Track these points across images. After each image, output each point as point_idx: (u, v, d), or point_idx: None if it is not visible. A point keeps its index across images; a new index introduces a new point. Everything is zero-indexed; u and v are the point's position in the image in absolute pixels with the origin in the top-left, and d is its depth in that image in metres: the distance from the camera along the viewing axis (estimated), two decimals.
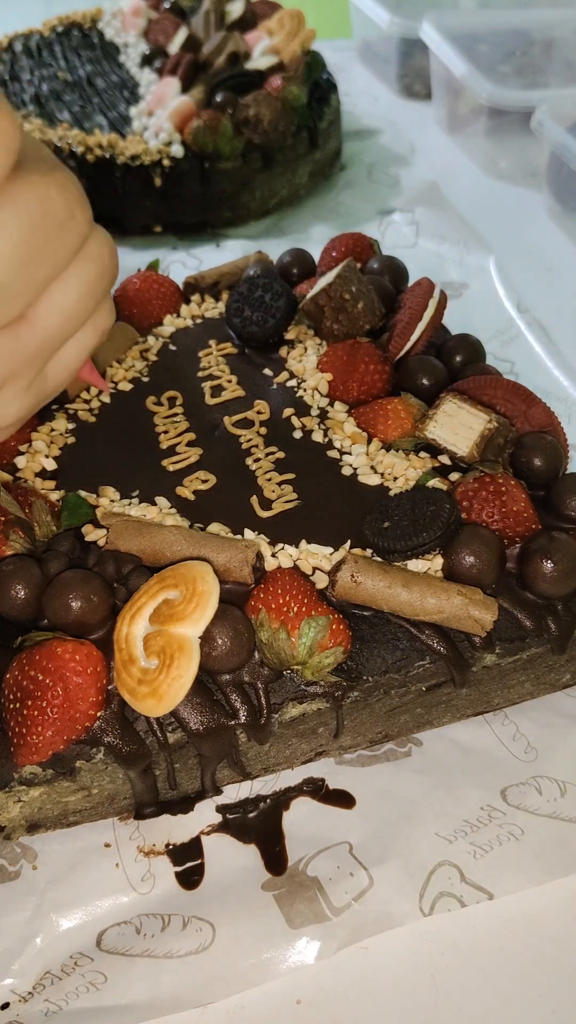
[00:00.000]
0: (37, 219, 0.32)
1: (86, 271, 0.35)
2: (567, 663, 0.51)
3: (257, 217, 0.97)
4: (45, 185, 0.32)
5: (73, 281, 0.35)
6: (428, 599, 0.44)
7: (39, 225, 0.32)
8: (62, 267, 0.34)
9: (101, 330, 0.39)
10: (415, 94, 1.22)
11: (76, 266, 0.35)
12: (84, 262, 0.35)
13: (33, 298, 0.33)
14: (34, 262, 0.32)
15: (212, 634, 0.41)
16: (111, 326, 0.41)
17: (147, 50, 1.06)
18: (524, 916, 0.44)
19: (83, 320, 0.37)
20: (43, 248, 0.32)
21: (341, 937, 0.43)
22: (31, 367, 0.35)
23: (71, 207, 0.33)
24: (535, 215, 0.98)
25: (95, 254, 0.36)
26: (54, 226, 0.32)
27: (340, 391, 0.57)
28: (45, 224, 0.32)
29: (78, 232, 0.34)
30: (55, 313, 0.35)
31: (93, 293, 0.36)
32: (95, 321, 0.38)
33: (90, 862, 0.46)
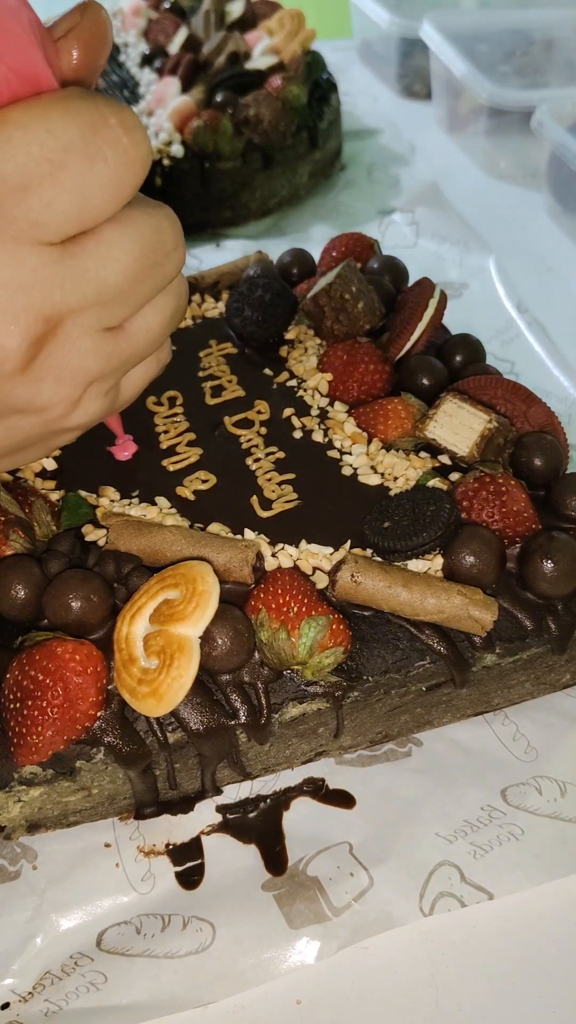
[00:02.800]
0: (151, 242, 0.36)
1: (171, 303, 0.39)
2: (567, 663, 0.51)
3: (257, 217, 0.96)
4: (159, 216, 0.37)
5: (161, 307, 0.39)
6: (428, 599, 0.44)
7: (152, 248, 0.36)
8: (159, 291, 0.38)
9: (161, 364, 0.44)
10: (415, 94, 1.22)
11: (165, 296, 0.39)
12: (171, 295, 0.39)
13: (134, 311, 0.37)
14: (143, 279, 0.36)
15: (212, 634, 0.41)
16: (167, 363, 0.44)
17: (147, 50, 1.06)
18: (524, 916, 0.44)
19: (159, 345, 0.40)
20: (152, 269, 0.36)
21: (341, 937, 0.43)
22: (116, 373, 0.38)
23: (177, 240, 0.38)
24: (535, 215, 0.98)
25: (179, 291, 0.40)
26: (162, 253, 0.37)
27: (340, 391, 0.57)
28: (156, 249, 0.36)
29: (177, 264, 0.38)
30: (144, 330, 0.38)
31: (172, 323, 0.40)
32: (158, 354, 0.43)
33: (90, 862, 0.46)
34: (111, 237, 0.34)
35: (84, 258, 0.34)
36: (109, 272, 0.34)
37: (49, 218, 0.32)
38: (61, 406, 0.36)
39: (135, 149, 0.33)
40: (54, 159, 0.31)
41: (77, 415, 0.37)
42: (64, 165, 0.31)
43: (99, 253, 0.34)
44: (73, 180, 0.32)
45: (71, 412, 0.37)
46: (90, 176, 0.32)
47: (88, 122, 0.32)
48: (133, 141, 0.33)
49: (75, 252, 0.33)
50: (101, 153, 0.32)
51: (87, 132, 0.32)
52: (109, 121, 0.32)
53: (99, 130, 0.32)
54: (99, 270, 0.34)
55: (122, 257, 0.35)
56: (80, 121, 0.32)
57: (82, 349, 0.35)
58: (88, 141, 0.32)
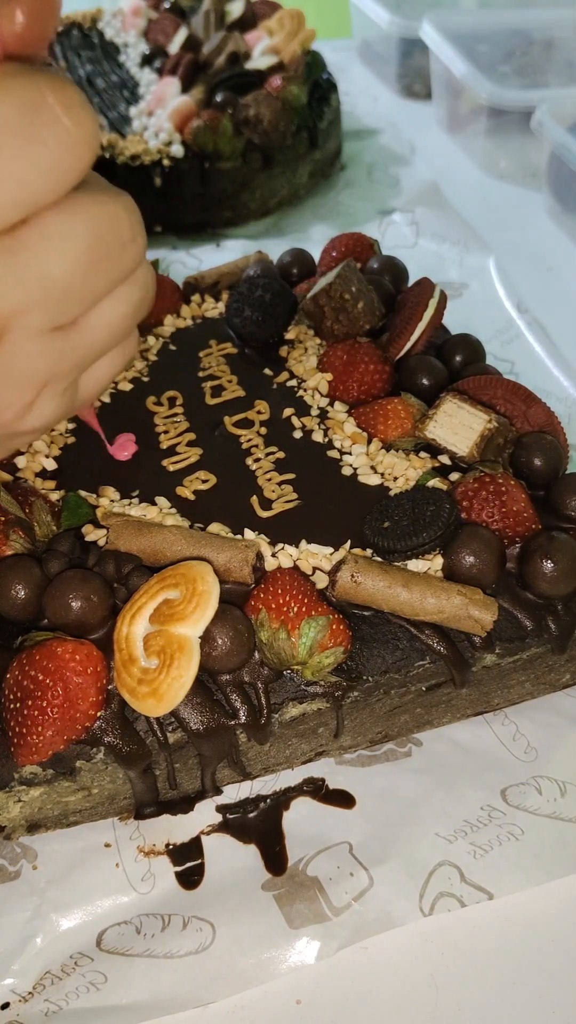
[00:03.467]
0: (104, 233, 0.33)
1: (133, 295, 0.37)
2: (567, 663, 0.51)
3: (257, 217, 0.96)
4: (114, 204, 0.34)
5: (122, 300, 0.37)
6: (428, 599, 0.44)
7: (105, 239, 0.33)
8: (116, 285, 0.36)
9: (128, 357, 0.41)
10: (415, 94, 1.22)
11: (126, 288, 0.37)
12: (132, 286, 0.37)
13: (88, 307, 0.35)
14: (95, 272, 0.34)
15: (212, 634, 0.41)
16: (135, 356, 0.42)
17: (147, 50, 1.06)
18: (524, 916, 0.44)
19: (121, 339, 0.38)
20: (105, 261, 0.34)
21: (341, 937, 0.43)
22: (71, 372, 0.37)
23: (134, 230, 0.35)
24: (535, 215, 0.98)
25: (143, 282, 0.38)
26: (117, 243, 0.34)
27: (340, 391, 0.57)
28: (110, 239, 0.34)
29: (136, 255, 0.36)
30: (103, 326, 0.36)
31: (135, 316, 0.38)
32: (124, 347, 0.40)
33: (90, 862, 0.46)
34: (55, 228, 0.32)
35: (25, 252, 0.31)
36: (54, 267, 0.32)
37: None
38: (13, 409, 0.35)
39: (78, 130, 0.30)
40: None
41: (32, 418, 0.36)
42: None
43: (43, 246, 0.31)
44: (7, 166, 0.29)
45: (25, 415, 0.35)
46: (27, 160, 0.29)
47: (24, 101, 0.29)
48: (75, 121, 0.30)
49: (13, 246, 0.31)
50: (39, 135, 0.29)
51: (22, 112, 0.29)
52: (47, 99, 0.29)
53: (36, 110, 0.29)
54: (43, 265, 0.32)
55: (68, 250, 0.32)
56: (15, 100, 0.29)
57: (30, 351, 0.33)
58: (23, 122, 0.29)
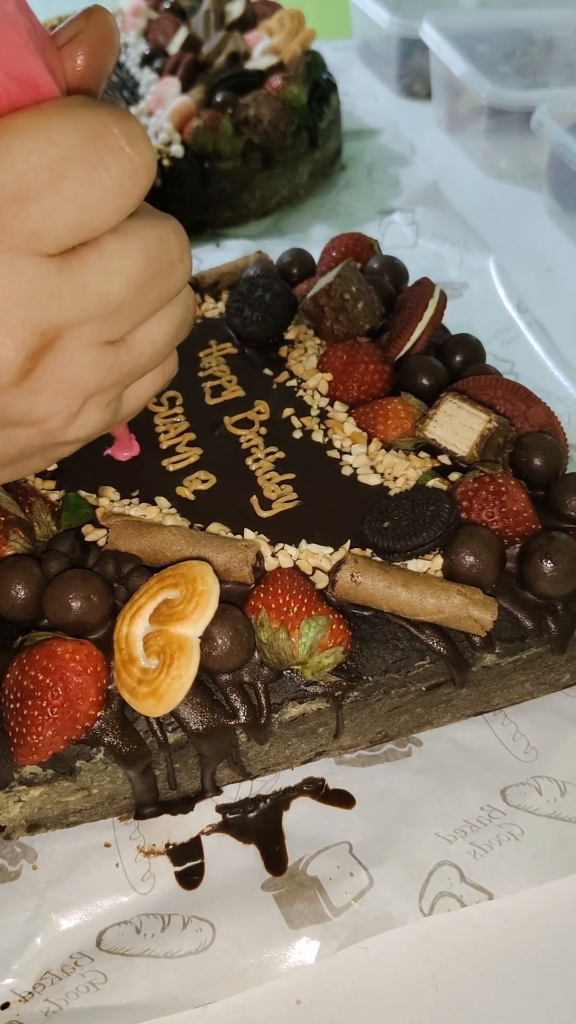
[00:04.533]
0: (155, 254, 0.35)
1: (177, 315, 0.39)
2: (567, 663, 0.51)
3: (257, 217, 0.96)
4: (164, 227, 0.36)
5: (166, 320, 0.38)
6: (428, 599, 0.44)
7: (156, 260, 0.35)
8: (163, 304, 0.37)
9: (168, 376, 0.43)
10: (415, 94, 1.22)
11: (171, 308, 0.38)
12: (177, 307, 0.39)
13: (137, 324, 0.37)
14: (146, 291, 0.35)
15: (212, 634, 0.41)
16: (174, 376, 0.44)
17: (147, 50, 1.06)
18: (524, 916, 0.44)
19: (164, 358, 0.40)
20: (155, 281, 0.36)
21: (341, 937, 0.43)
22: (117, 387, 0.38)
23: (182, 252, 0.37)
24: (535, 215, 0.98)
25: (186, 303, 0.39)
26: (167, 264, 0.36)
27: (340, 391, 0.57)
28: (160, 260, 0.35)
29: (182, 277, 0.37)
30: (148, 343, 0.38)
31: (177, 336, 0.40)
32: (165, 366, 0.42)
33: (90, 862, 0.46)
34: (113, 249, 0.34)
35: (84, 270, 0.33)
36: (110, 285, 0.34)
37: (47, 229, 0.31)
38: (59, 418, 0.36)
39: (139, 159, 0.32)
40: (53, 168, 0.30)
41: (76, 428, 0.37)
42: (64, 174, 0.31)
43: (100, 265, 0.33)
44: (73, 190, 0.31)
45: (69, 425, 0.36)
46: (91, 186, 0.31)
47: (90, 131, 0.31)
48: (137, 151, 0.32)
49: (75, 264, 0.33)
50: (103, 163, 0.31)
51: (89, 141, 0.31)
52: (112, 130, 0.31)
53: (101, 139, 0.31)
54: (99, 283, 0.33)
55: (124, 269, 0.34)
56: (82, 130, 0.31)
57: (81, 362, 0.35)
58: (89, 150, 0.31)
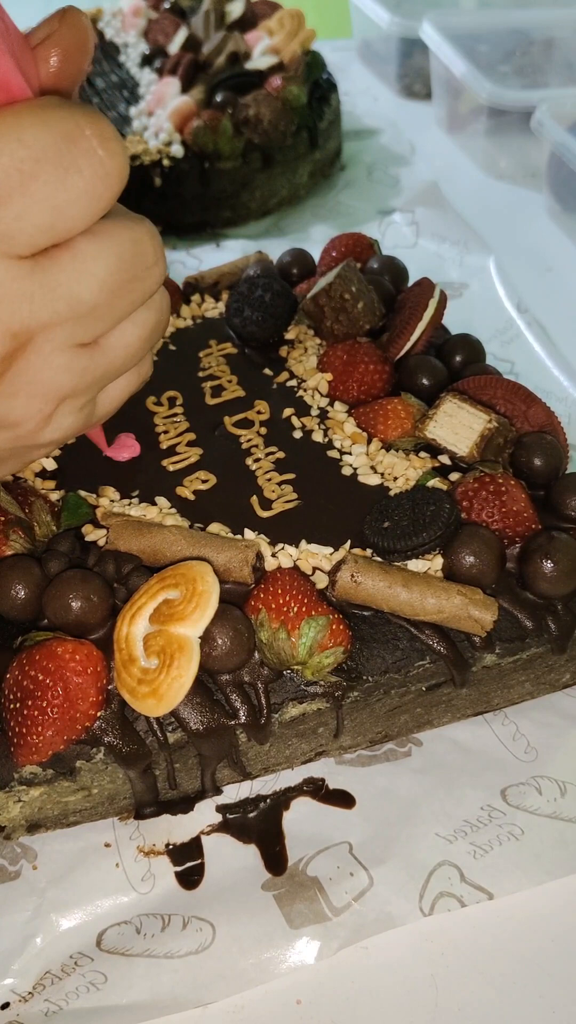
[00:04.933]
0: (129, 256, 0.35)
1: (151, 318, 0.39)
2: (567, 663, 0.51)
3: (257, 217, 0.96)
4: (139, 230, 0.36)
5: (140, 322, 0.38)
6: (428, 599, 0.44)
7: (130, 262, 0.35)
8: (136, 307, 0.37)
9: (142, 378, 0.43)
10: (415, 94, 1.22)
11: (145, 311, 0.38)
12: (151, 310, 0.39)
13: (110, 327, 0.37)
14: (120, 294, 0.35)
15: (212, 634, 0.41)
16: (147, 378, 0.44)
17: (147, 50, 1.06)
18: (524, 916, 0.44)
19: (138, 360, 0.40)
20: (129, 284, 0.36)
21: (341, 937, 0.43)
22: (91, 390, 0.38)
23: (157, 255, 0.37)
24: (535, 215, 0.98)
25: (160, 306, 0.40)
26: (141, 267, 0.36)
27: (340, 391, 0.57)
28: (134, 264, 0.35)
29: (156, 280, 0.37)
30: (122, 346, 0.38)
31: (151, 339, 0.40)
32: (139, 368, 0.42)
33: (90, 862, 0.46)
34: (85, 251, 0.33)
35: (56, 272, 0.33)
36: (83, 287, 0.34)
37: (18, 230, 0.31)
38: (32, 421, 0.36)
39: (111, 161, 0.32)
40: (24, 169, 0.30)
41: (49, 431, 0.37)
42: (35, 176, 0.30)
43: (72, 267, 0.33)
44: (45, 192, 0.31)
45: (43, 428, 0.36)
46: (63, 188, 0.31)
47: (62, 132, 0.31)
48: (109, 153, 0.32)
49: (46, 266, 0.33)
50: (75, 164, 0.31)
51: (61, 143, 0.31)
52: (84, 132, 0.31)
53: (74, 141, 0.31)
54: (72, 285, 0.33)
55: (97, 272, 0.34)
56: (54, 131, 0.31)
57: (54, 365, 0.35)
58: (62, 152, 0.31)
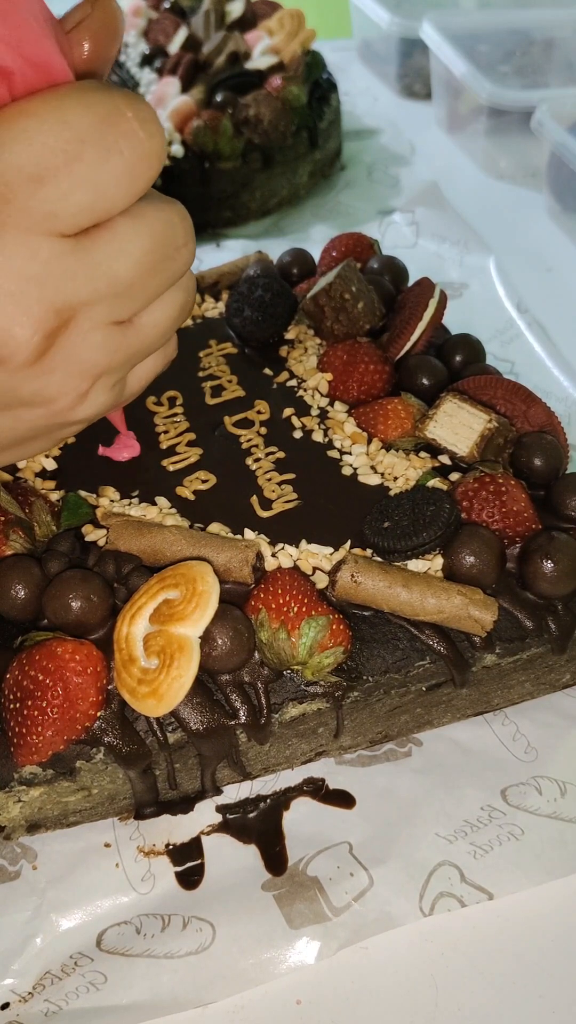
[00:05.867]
0: (161, 237, 0.36)
1: (180, 298, 0.39)
2: (567, 663, 0.51)
3: (257, 217, 0.96)
4: (171, 211, 0.36)
5: (170, 302, 0.39)
6: (428, 599, 0.44)
7: (163, 243, 0.36)
8: (168, 287, 0.38)
9: (168, 358, 0.43)
10: (415, 94, 1.22)
11: (174, 291, 0.39)
12: (180, 290, 0.39)
13: (144, 305, 0.37)
14: (154, 273, 0.36)
15: (212, 634, 0.41)
16: (173, 358, 0.44)
17: (147, 50, 1.06)
18: (524, 916, 0.44)
19: (166, 340, 0.40)
20: (162, 264, 0.36)
21: (341, 937, 0.43)
22: (124, 367, 0.38)
23: (188, 236, 0.37)
24: (535, 215, 0.98)
25: (189, 286, 0.40)
26: (172, 248, 0.36)
27: (340, 391, 0.57)
28: (167, 244, 0.36)
29: (187, 259, 0.38)
30: (153, 324, 0.38)
31: (179, 318, 0.40)
32: (166, 348, 0.42)
33: (90, 862, 0.46)
34: (124, 230, 0.34)
35: (97, 251, 0.34)
36: (121, 266, 0.34)
37: (63, 209, 0.32)
38: (68, 398, 0.36)
39: (150, 142, 0.33)
40: (69, 150, 0.31)
41: (84, 408, 0.37)
42: (79, 156, 0.31)
43: (112, 246, 0.34)
44: (88, 172, 0.31)
45: (78, 405, 0.37)
46: (105, 168, 0.32)
47: (104, 114, 0.32)
48: (149, 134, 0.33)
49: (88, 245, 0.33)
50: (117, 146, 0.32)
51: (103, 124, 0.32)
52: (126, 114, 0.32)
53: (115, 122, 0.32)
54: (111, 263, 0.34)
55: (134, 251, 0.35)
56: (96, 113, 0.31)
57: (92, 342, 0.35)
58: (104, 133, 0.32)
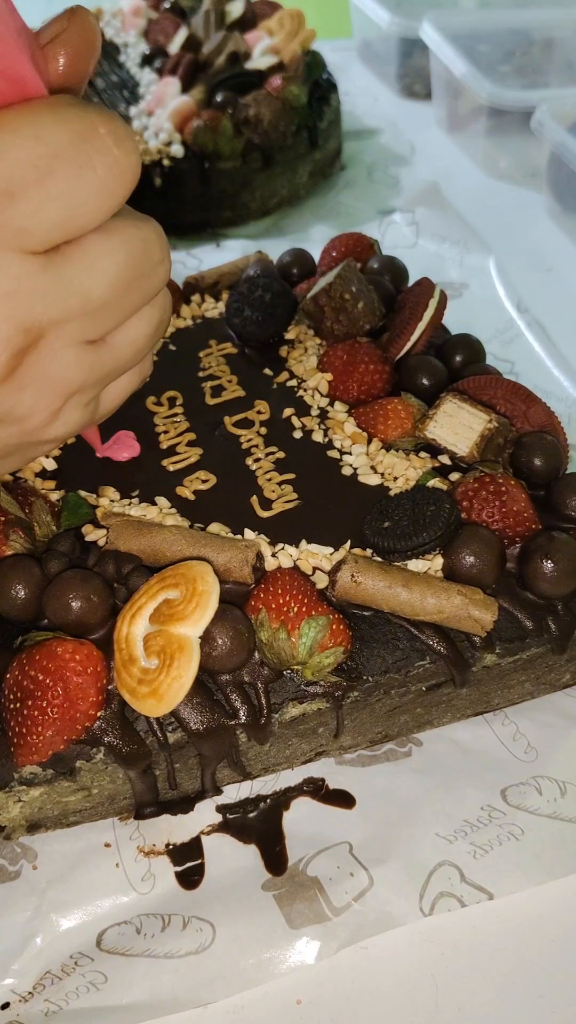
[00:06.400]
0: (138, 254, 0.35)
1: (156, 316, 0.39)
2: (567, 663, 0.51)
3: (257, 217, 0.96)
4: (146, 229, 0.36)
5: (146, 319, 0.38)
6: (428, 599, 0.44)
7: (138, 260, 0.35)
8: (143, 304, 0.37)
9: (143, 376, 0.43)
10: (415, 94, 1.22)
11: (150, 308, 0.39)
12: (155, 308, 0.39)
13: (118, 324, 0.37)
14: (128, 291, 0.36)
15: (212, 634, 0.41)
16: (148, 376, 0.44)
17: (147, 50, 1.06)
18: (524, 916, 0.44)
19: (142, 358, 0.40)
20: (137, 282, 0.36)
21: (341, 937, 0.43)
22: (97, 385, 0.38)
23: (163, 254, 0.37)
24: (535, 215, 0.98)
25: (164, 304, 0.40)
26: (148, 265, 0.36)
27: (340, 391, 0.57)
28: (142, 262, 0.36)
29: (163, 277, 0.38)
30: (128, 344, 0.38)
31: (155, 336, 0.40)
32: (141, 366, 0.42)
33: (90, 862, 0.46)
34: (97, 248, 0.34)
35: (69, 269, 0.33)
36: (94, 284, 0.34)
37: (34, 226, 0.31)
38: (40, 416, 0.36)
39: (125, 160, 0.32)
40: (41, 165, 0.31)
41: (56, 426, 0.37)
42: (52, 172, 0.31)
43: (84, 264, 0.34)
44: (61, 188, 0.31)
45: (50, 423, 0.37)
46: (78, 184, 0.31)
47: (78, 130, 0.31)
48: (123, 152, 0.32)
49: (59, 262, 0.33)
50: (90, 162, 0.32)
51: (77, 140, 0.31)
52: (99, 130, 0.32)
53: (89, 139, 0.31)
54: (84, 281, 0.34)
55: (108, 269, 0.34)
56: (70, 128, 0.31)
57: (64, 361, 0.35)
58: (78, 149, 0.31)
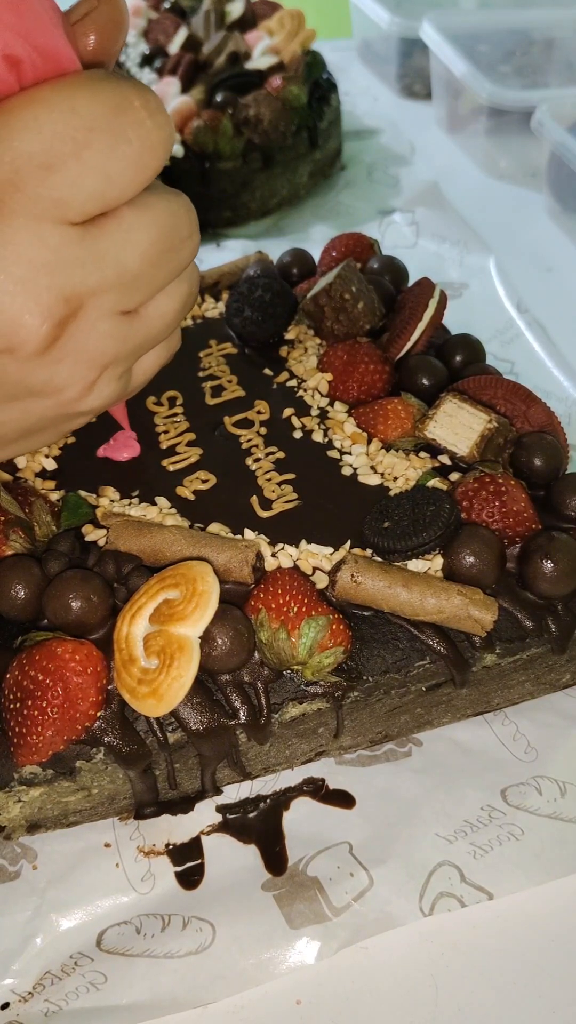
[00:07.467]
0: (168, 228, 0.36)
1: (185, 290, 0.39)
2: (567, 663, 0.51)
3: (257, 217, 0.96)
4: (176, 203, 0.37)
5: (175, 294, 0.39)
6: (428, 599, 0.44)
7: (169, 234, 0.36)
8: (174, 278, 0.38)
9: (171, 350, 0.44)
10: (415, 94, 1.22)
11: (179, 282, 0.39)
12: (184, 281, 0.39)
13: (151, 296, 0.37)
14: (160, 263, 0.36)
15: (212, 634, 0.41)
16: (176, 350, 0.44)
17: (147, 50, 1.06)
18: (524, 916, 0.44)
19: (172, 331, 0.40)
20: (168, 255, 0.36)
21: (341, 937, 0.43)
22: (130, 357, 0.38)
23: (192, 228, 0.38)
24: (535, 215, 0.98)
25: (193, 278, 0.40)
26: (179, 239, 0.37)
27: (340, 391, 0.57)
28: (173, 235, 0.36)
29: (192, 250, 0.38)
30: (158, 316, 0.38)
31: (183, 310, 0.40)
32: (169, 341, 0.43)
33: (90, 862, 0.46)
34: (131, 220, 0.34)
35: (104, 240, 0.34)
36: (128, 255, 0.35)
37: (72, 197, 0.32)
38: (76, 388, 0.36)
39: (158, 132, 0.33)
40: (78, 138, 0.31)
41: (91, 398, 0.37)
42: (88, 144, 0.31)
43: (119, 235, 0.34)
44: (97, 159, 0.32)
45: (86, 395, 0.37)
46: (114, 156, 0.32)
47: (113, 103, 0.32)
48: (156, 124, 0.33)
49: (96, 234, 0.34)
50: (125, 134, 0.32)
51: (112, 113, 0.32)
52: (134, 103, 0.32)
53: (124, 111, 0.32)
54: (119, 252, 0.34)
55: (141, 241, 0.35)
56: (105, 101, 0.32)
57: (100, 331, 0.35)
58: (113, 122, 0.32)
